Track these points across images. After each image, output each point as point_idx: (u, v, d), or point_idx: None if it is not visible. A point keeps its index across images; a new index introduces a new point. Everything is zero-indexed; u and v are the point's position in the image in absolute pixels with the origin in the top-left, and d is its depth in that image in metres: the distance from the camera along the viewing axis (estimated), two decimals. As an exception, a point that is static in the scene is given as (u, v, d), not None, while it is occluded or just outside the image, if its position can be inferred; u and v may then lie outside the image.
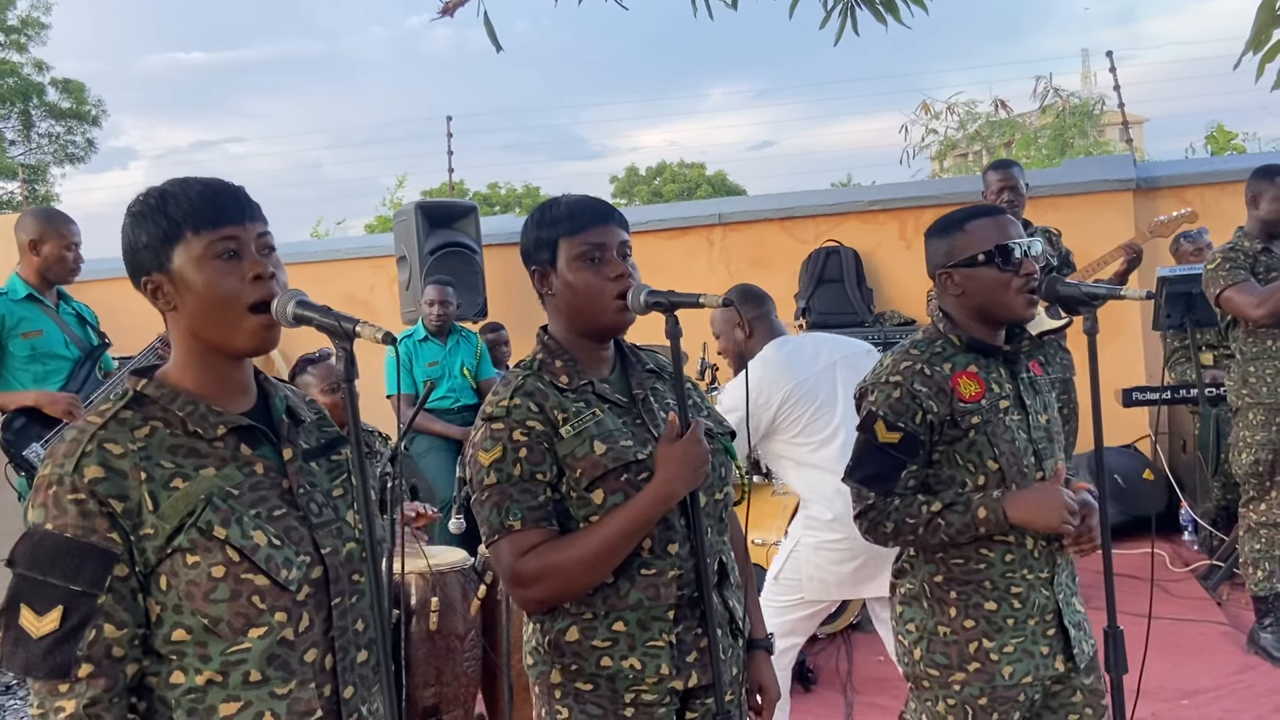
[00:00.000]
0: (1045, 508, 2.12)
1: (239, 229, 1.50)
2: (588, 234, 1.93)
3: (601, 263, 1.92)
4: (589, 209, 1.98)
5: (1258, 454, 4.18)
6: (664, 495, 1.84)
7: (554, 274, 1.95)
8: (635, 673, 1.89)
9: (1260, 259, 4.16)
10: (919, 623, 2.28)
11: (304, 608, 1.49)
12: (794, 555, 3.32)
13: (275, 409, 1.58)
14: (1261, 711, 3.78)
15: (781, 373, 3.24)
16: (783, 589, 3.35)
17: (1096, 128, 8.73)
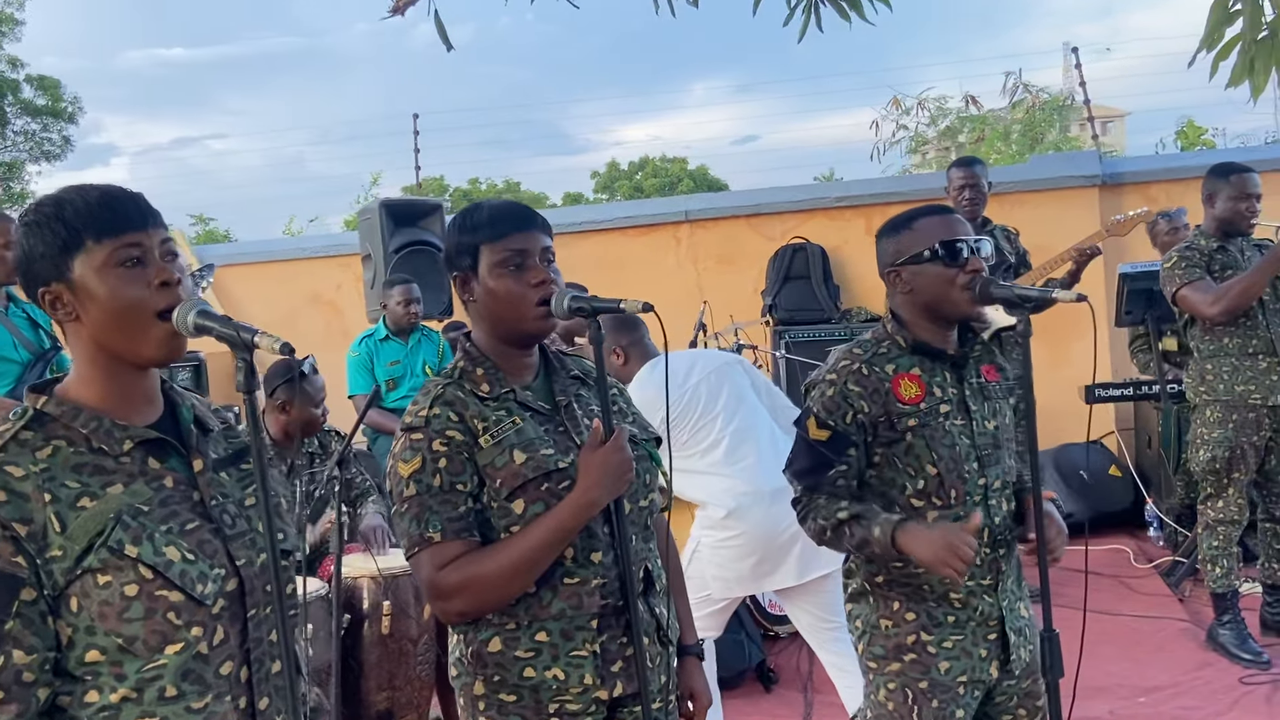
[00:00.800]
0: (936, 548, 2.05)
1: (142, 235, 1.46)
2: (509, 240, 1.91)
3: (523, 269, 1.90)
4: (510, 215, 1.96)
5: (1215, 451, 4.18)
6: (585, 503, 1.82)
7: (475, 280, 1.93)
8: (559, 683, 1.87)
9: (1216, 257, 4.16)
10: (864, 618, 2.30)
11: (219, 621, 1.47)
12: (696, 555, 3.40)
13: (183, 419, 1.55)
14: (1217, 708, 3.79)
15: (658, 393, 3.31)
16: (690, 588, 3.39)
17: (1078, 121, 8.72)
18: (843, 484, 2.22)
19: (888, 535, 2.11)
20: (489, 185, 46.70)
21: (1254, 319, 4.10)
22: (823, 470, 2.21)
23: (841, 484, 2.22)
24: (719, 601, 3.42)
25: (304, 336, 7.35)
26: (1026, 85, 12.51)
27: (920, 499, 2.21)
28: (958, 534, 2.06)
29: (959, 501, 2.20)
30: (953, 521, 2.17)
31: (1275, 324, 4.14)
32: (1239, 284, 4.02)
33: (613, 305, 1.86)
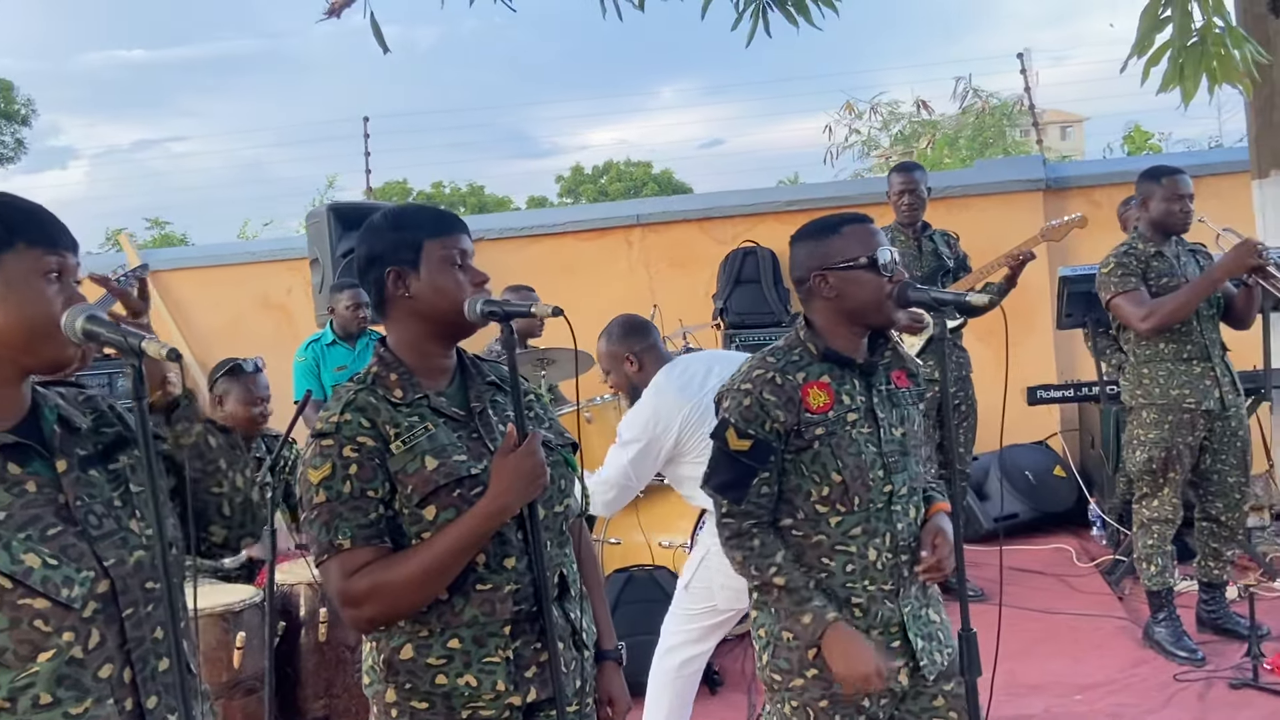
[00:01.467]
0: (856, 670, 2.13)
1: (67, 255, 1.51)
2: (455, 239, 1.95)
3: (463, 268, 1.94)
4: (450, 216, 2.01)
5: (1151, 452, 4.25)
6: (496, 510, 1.82)
7: (415, 276, 1.92)
8: (471, 690, 1.87)
9: (1153, 263, 4.21)
10: (767, 628, 2.31)
11: (92, 624, 1.46)
12: (704, 564, 3.34)
13: (46, 421, 1.54)
14: (1151, 705, 3.84)
15: (676, 398, 3.28)
16: (694, 598, 3.37)
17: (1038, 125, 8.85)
18: (766, 492, 2.23)
19: (815, 633, 2.15)
20: (452, 188, 46.48)
21: (1189, 325, 4.17)
22: (747, 481, 2.22)
23: (765, 492, 2.23)
24: (723, 613, 3.37)
25: (253, 341, 7.28)
26: (976, 90, 12.74)
27: (825, 505, 2.23)
28: (881, 666, 2.14)
29: (862, 508, 2.22)
30: (868, 554, 2.21)
31: (1209, 330, 4.22)
32: (1171, 302, 4.09)
33: (524, 309, 1.88)
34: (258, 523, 1.82)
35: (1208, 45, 3.27)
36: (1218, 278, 4.07)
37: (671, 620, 3.51)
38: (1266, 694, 3.81)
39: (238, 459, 1.76)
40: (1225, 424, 4.22)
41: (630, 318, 3.53)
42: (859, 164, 13.21)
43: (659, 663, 3.49)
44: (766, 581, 2.19)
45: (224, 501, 1.75)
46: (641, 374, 3.38)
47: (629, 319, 3.52)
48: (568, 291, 7.27)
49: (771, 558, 2.20)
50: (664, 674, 3.47)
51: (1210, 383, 4.17)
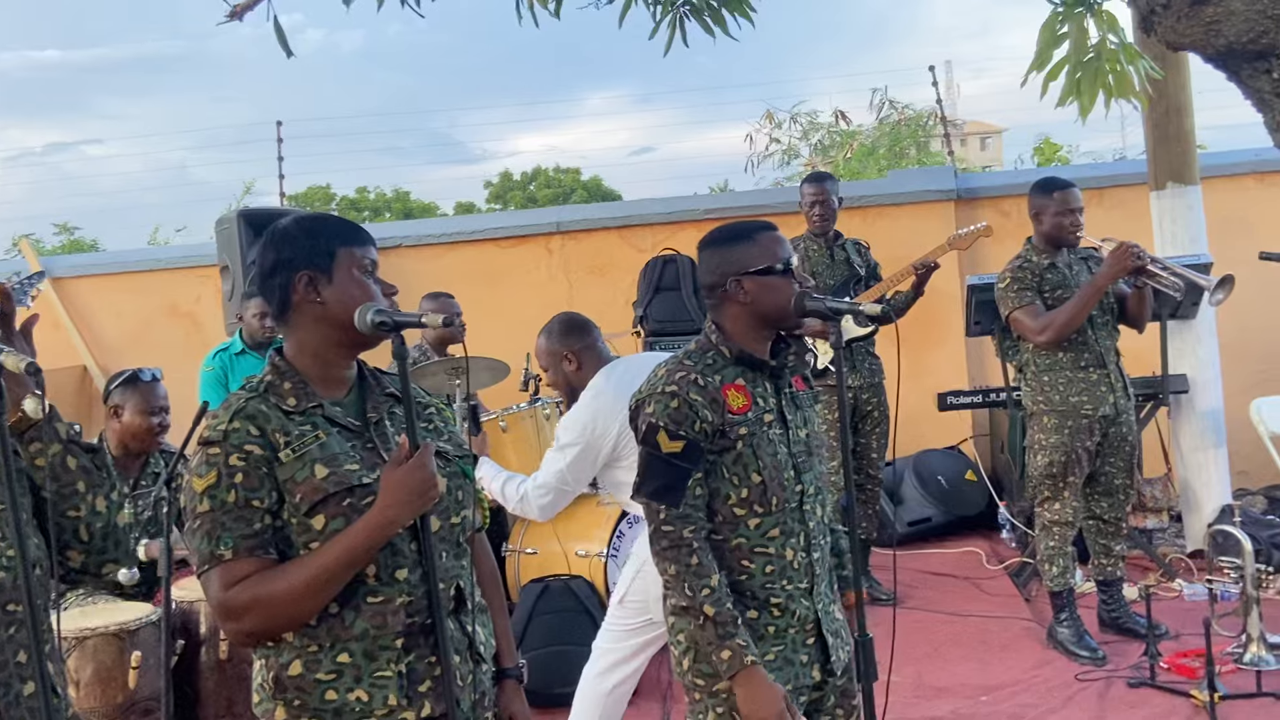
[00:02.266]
0: (762, 704, 2.13)
1: None
2: (366, 249, 1.95)
3: (373, 279, 1.93)
4: (358, 227, 1.99)
5: (1051, 456, 4.35)
6: (383, 522, 1.79)
7: (327, 282, 1.90)
8: (363, 705, 1.84)
9: (1047, 275, 4.34)
10: (688, 633, 2.30)
11: None
12: (640, 575, 3.29)
13: None
14: (1053, 705, 3.93)
15: (614, 400, 3.24)
16: (629, 612, 3.34)
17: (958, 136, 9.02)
18: (700, 493, 2.23)
19: (731, 670, 2.15)
20: (378, 194, 45.91)
21: (1084, 334, 4.30)
22: (682, 484, 2.21)
23: (700, 493, 2.23)
24: (658, 627, 3.29)
25: (160, 350, 7.12)
26: (892, 102, 13.00)
27: (743, 507, 2.24)
28: (784, 712, 2.14)
29: (779, 508, 2.25)
30: (781, 557, 2.24)
31: (1104, 338, 4.34)
32: (1064, 314, 4.22)
33: (413, 319, 1.86)
34: (122, 549, 1.77)
35: (1103, 61, 3.35)
36: (1101, 285, 4.20)
37: (605, 637, 3.45)
38: (1163, 692, 3.91)
39: (99, 482, 1.71)
40: (1117, 429, 4.35)
41: (571, 316, 3.48)
42: (779, 173, 13.39)
43: (592, 684, 3.43)
44: (695, 606, 2.18)
45: (81, 526, 1.70)
46: (580, 373, 3.34)
47: (569, 317, 3.47)
48: (488, 299, 7.24)
49: (707, 580, 2.18)
50: (596, 695, 3.42)
51: (1105, 389, 4.30)
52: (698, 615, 2.18)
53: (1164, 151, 5.51)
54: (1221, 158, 6.97)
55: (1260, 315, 6.21)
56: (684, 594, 2.19)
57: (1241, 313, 5.87)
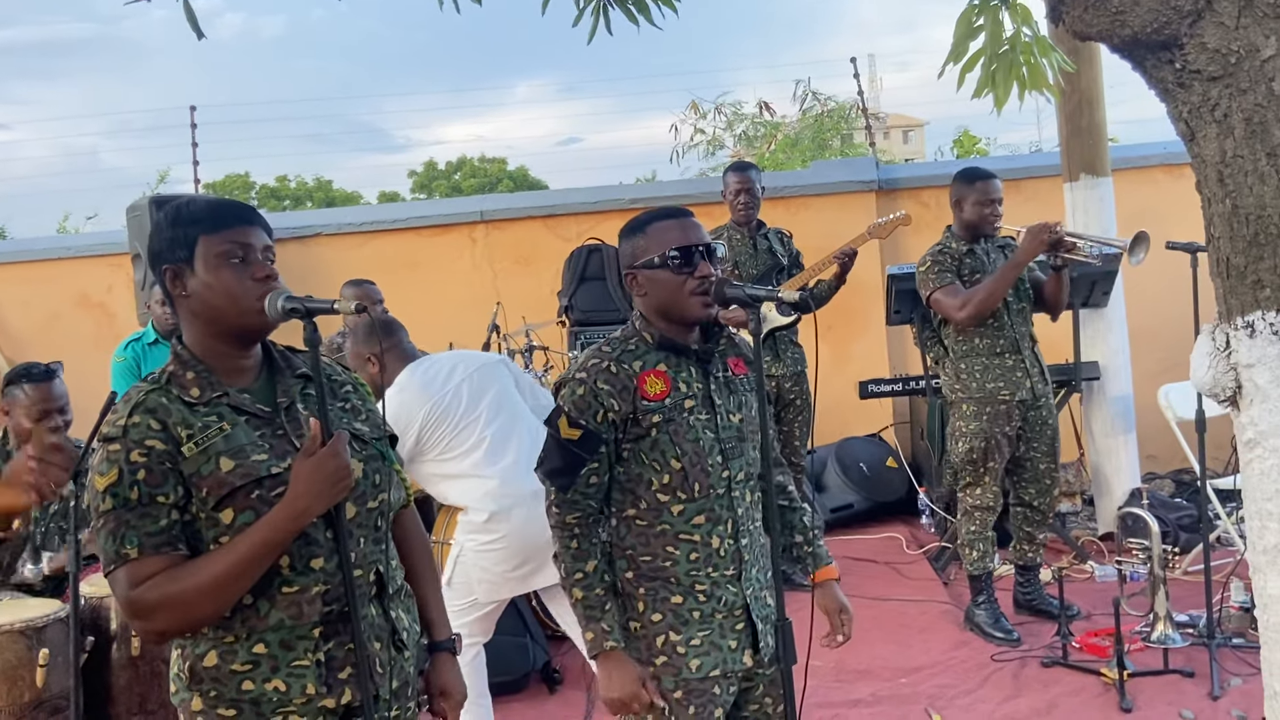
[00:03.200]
0: (616, 684, 2.20)
1: None
2: (231, 233, 1.86)
3: (245, 263, 1.85)
4: (231, 208, 1.92)
5: (971, 443, 4.44)
6: (295, 513, 1.76)
7: (190, 273, 1.84)
8: (280, 695, 1.82)
9: (965, 261, 4.43)
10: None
11: None
12: (460, 561, 3.38)
13: None
14: (970, 685, 4.01)
15: (417, 396, 3.33)
16: (456, 594, 3.37)
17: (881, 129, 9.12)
18: (595, 482, 2.24)
19: (594, 649, 2.23)
20: (299, 182, 45.13)
21: (1000, 320, 4.39)
22: (575, 470, 2.23)
23: (594, 482, 2.24)
24: (485, 606, 3.41)
25: (70, 341, 6.92)
26: (815, 93, 13.13)
27: (666, 493, 2.24)
28: (641, 696, 2.20)
29: (703, 494, 2.25)
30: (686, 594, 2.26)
31: (1019, 324, 4.44)
32: (983, 290, 4.29)
33: (326, 306, 1.82)
34: (27, 547, 1.71)
35: (1017, 54, 3.41)
36: (1021, 261, 4.28)
37: None
38: (1074, 671, 4.02)
39: None
40: (1036, 413, 4.45)
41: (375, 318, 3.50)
42: (704, 163, 13.45)
43: None
44: (567, 587, 2.25)
45: None
46: (384, 375, 3.39)
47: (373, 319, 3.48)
48: (411, 288, 7.15)
49: (582, 564, 2.23)
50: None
51: (1021, 374, 4.39)
52: (570, 595, 2.25)
53: (1076, 144, 5.63)
54: (1132, 150, 7.15)
55: (1168, 304, 6.37)
56: (561, 572, 2.27)
57: (1150, 301, 6.05)
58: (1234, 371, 1.76)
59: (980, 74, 4.34)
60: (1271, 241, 1.66)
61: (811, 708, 3.80)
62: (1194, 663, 3.94)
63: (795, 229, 5.59)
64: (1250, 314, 1.71)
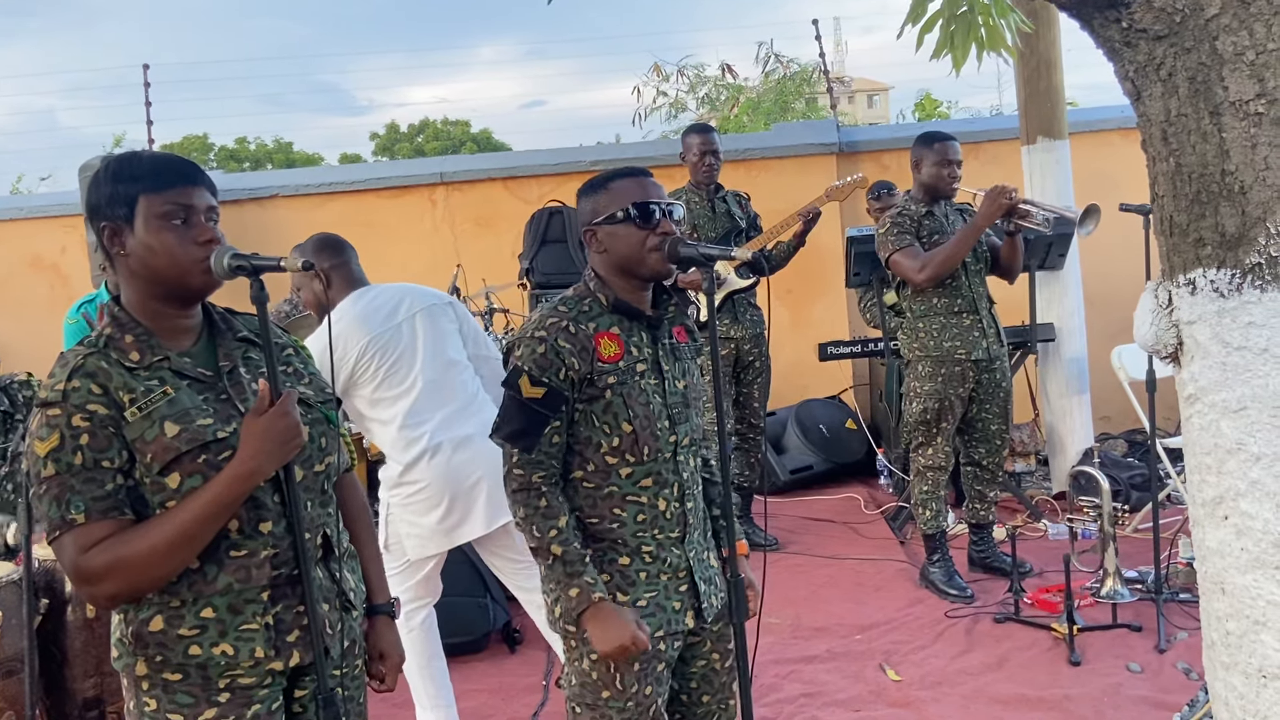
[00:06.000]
0: (612, 634, 2.15)
1: None
2: (173, 193, 1.81)
3: (188, 225, 1.81)
4: (175, 167, 1.86)
5: (925, 403, 4.48)
6: (245, 474, 1.75)
7: (130, 232, 1.81)
8: (228, 658, 1.81)
9: (924, 223, 4.46)
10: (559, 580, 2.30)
11: None
12: (389, 520, 3.33)
13: None
14: (923, 641, 4.07)
15: (357, 325, 3.21)
16: (393, 557, 3.33)
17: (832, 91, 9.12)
18: (557, 441, 2.23)
19: (579, 607, 2.17)
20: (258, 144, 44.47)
21: (958, 281, 4.43)
22: (539, 430, 2.21)
23: (557, 441, 2.23)
24: (422, 567, 3.35)
25: (23, 303, 6.83)
26: (778, 56, 13.11)
27: (614, 456, 2.25)
28: (638, 637, 2.16)
29: (651, 458, 2.26)
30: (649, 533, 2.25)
31: (976, 284, 4.47)
32: (942, 252, 4.32)
33: (273, 263, 1.80)
34: None
35: (975, 14, 3.41)
36: (980, 224, 4.31)
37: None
38: (1026, 626, 4.09)
39: None
40: (990, 375, 4.50)
41: (325, 235, 3.41)
42: (666, 126, 13.38)
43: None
44: (544, 546, 2.20)
45: None
46: (330, 293, 3.29)
47: (323, 236, 3.40)
48: (370, 250, 7.00)
49: (554, 521, 2.20)
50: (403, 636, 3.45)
51: (978, 334, 4.44)
52: (546, 555, 2.20)
53: (1034, 107, 5.66)
54: (1089, 114, 7.20)
55: (1122, 266, 6.45)
56: (533, 535, 2.21)
57: (1104, 264, 6.11)
58: (1176, 328, 1.79)
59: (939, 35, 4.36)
60: (1213, 200, 1.68)
61: (767, 664, 3.86)
62: (1142, 617, 4.03)
63: (755, 191, 5.59)
64: (1192, 271, 1.74)
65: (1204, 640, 1.87)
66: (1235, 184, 1.65)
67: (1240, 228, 1.65)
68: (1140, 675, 3.64)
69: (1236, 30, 1.61)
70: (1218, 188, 1.67)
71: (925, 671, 3.80)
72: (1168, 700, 3.41)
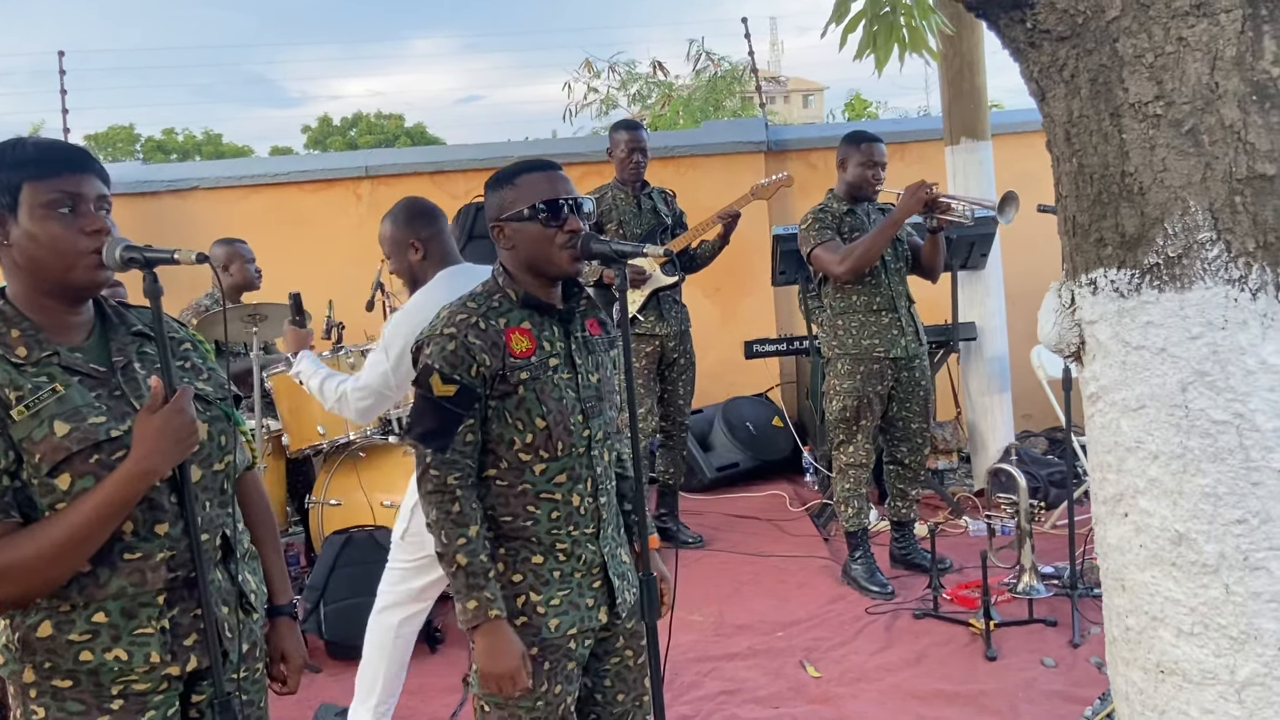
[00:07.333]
0: (499, 659, 2.12)
1: None
2: (60, 180, 1.74)
3: (76, 214, 1.74)
4: (63, 154, 1.78)
5: (845, 400, 4.51)
6: (139, 473, 1.69)
7: (14, 222, 1.73)
8: (122, 664, 1.75)
9: (846, 219, 4.49)
10: None
11: None
12: (418, 510, 3.16)
13: None
14: (844, 637, 4.10)
15: None
16: (411, 548, 3.27)
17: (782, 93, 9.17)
18: (472, 439, 2.19)
19: (476, 620, 2.13)
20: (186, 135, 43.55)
21: (878, 278, 4.46)
22: (452, 429, 2.17)
23: (471, 440, 2.19)
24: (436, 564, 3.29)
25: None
26: (709, 54, 13.16)
27: (528, 452, 2.22)
28: (521, 676, 2.14)
29: (565, 453, 2.23)
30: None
31: (896, 283, 4.52)
32: (862, 245, 4.36)
33: (166, 256, 1.74)
34: None
35: (898, 15, 3.43)
36: (899, 218, 4.34)
37: (389, 578, 3.41)
38: (944, 622, 4.14)
39: None
40: (910, 373, 4.54)
41: (417, 200, 3.31)
42: (597, 122, 13.33)
43: (376, 621, 3.39)
44: (449, 554, 2.16)
45: None
46: (424, 263, 3.19)
47: (415, 201, 3.30)
48: (293, 244, 6.97)
49: (464, 529, 2.16)
50: (382, 633, 3.39)
51: (897, 332, 4.48)
52: (451, 563, 2.16)
53: (958, 108, 5.74)
54: (1012, 116, 7.32)
55: (1042, 265, 6.57)
56: (441, 540, 2.17)
57: (1026, 264, 6.21)
58: (1078, 328, 1.81)
59: (862, 35, 4.38)
60: (1114, 200, 1.70)
61: (689, 661, 3.86)
62: (1057, 612, 4.10)
63: (684, 189, 5.59)
64: (1094, 271, 1.75)
65: (1106, 636, 1.90)
66: (1135, 185, 1.67)
67: (1139, 228, 1.67)
68: (1054, 670, 3.70)
69: (1136, 32, 1.63)
70: (1118, 188, 1.69)
71: (845, 668, 3.82)
72: (1080, 694, 3.47)
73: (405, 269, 3.27)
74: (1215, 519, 1.64)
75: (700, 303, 5.49)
